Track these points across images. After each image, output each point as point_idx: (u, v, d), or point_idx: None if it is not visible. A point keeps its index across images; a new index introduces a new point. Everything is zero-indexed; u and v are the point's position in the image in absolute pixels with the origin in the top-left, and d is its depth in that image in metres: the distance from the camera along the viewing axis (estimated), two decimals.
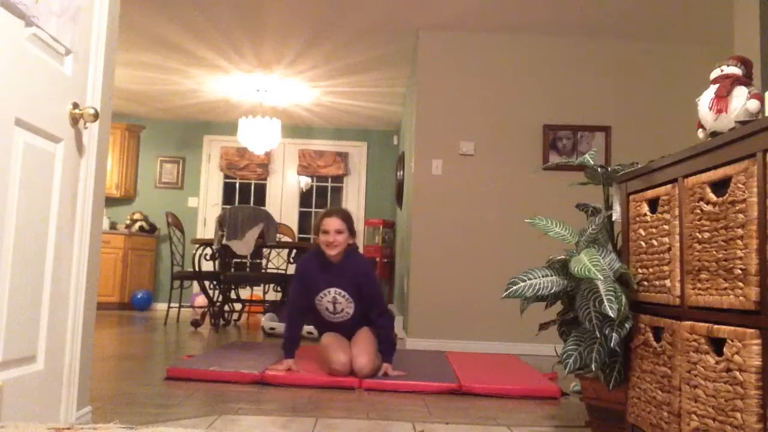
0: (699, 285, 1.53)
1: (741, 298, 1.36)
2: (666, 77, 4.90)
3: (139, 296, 7.46)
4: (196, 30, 5.12)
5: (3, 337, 1.50)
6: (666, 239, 1.72)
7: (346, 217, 3.27)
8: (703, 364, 1.48)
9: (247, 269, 7.57)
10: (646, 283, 1.85)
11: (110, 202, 7.71)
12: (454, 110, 4.89)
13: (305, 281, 3.29)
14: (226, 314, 5.95)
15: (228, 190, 8.28)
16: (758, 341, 1.30)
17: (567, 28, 4.81)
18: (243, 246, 5.47)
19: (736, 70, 1.66)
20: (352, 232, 3.28)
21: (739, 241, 1.38)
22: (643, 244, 1.87)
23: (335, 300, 3.25)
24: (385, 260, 7.38)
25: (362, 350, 3.15)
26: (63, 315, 1.81)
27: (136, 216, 7.83)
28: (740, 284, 1.36)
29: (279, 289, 6.05)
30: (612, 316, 1.81)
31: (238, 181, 8.29)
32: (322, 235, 3.21)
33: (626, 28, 4.77)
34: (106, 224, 7.52)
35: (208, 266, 5.90)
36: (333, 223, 3.19)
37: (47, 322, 1.70)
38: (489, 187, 4.82)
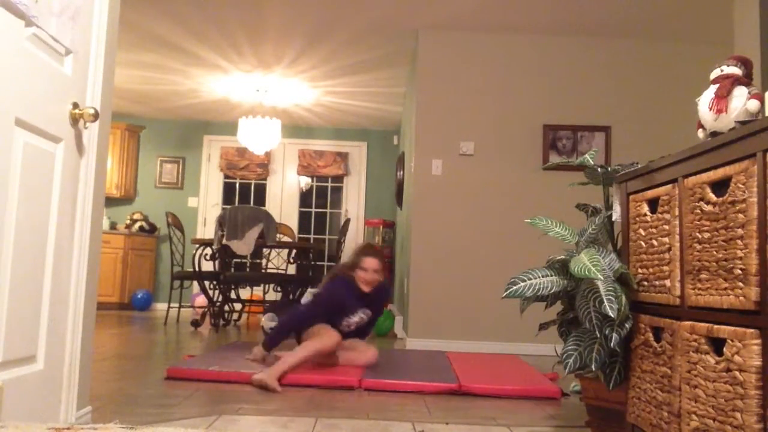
0: (699, 285, 1.53)
1: (741, 298, 1.36)
2: (666, 77, 4.90)
3: (139, 296, 7.46)
4: (196, 30, 5.12)
5: (3, 337, 1.50)
6: (666, 239, 1.72)
7: (383, 258, 3.68)
8: (703, 364, 1.48)
9: (247, 269, 7.58)
10: (646, 283, 1.84)
11: (110, 202, 7.71)
12: (454, 110, 4.89)
13: (339, 305, 3.47)
14: (226, 314, 5.95)
15: (228, 190, 8.28)
16: (758, 341, 1.30)
17: (567, 28, 4.81)
18: (243, 246, 5.47)
19: (736, 70, 1.66)
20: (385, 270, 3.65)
21: (739, 241, 1.37)
22: (643, 244, 1.87)
23: (361, 319, 3.48)
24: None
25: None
26: (63, 315, 1.81)
27: (136, 216, 7.83)
28: (740, 284, 1.36)
29: (279, 289, 6.05)
30: (612, 316, 1.81)
31: (238, 181, 8.29)
32: (361, 272, 3.48)
33: (626, 28, 4.77)
34: (106, 224, 7.52)
35: (208, 266, 5.90)
36: (373, 263, 3.51)
37: (47, 322, 1.70)
38: (489, 187, 4.82)
